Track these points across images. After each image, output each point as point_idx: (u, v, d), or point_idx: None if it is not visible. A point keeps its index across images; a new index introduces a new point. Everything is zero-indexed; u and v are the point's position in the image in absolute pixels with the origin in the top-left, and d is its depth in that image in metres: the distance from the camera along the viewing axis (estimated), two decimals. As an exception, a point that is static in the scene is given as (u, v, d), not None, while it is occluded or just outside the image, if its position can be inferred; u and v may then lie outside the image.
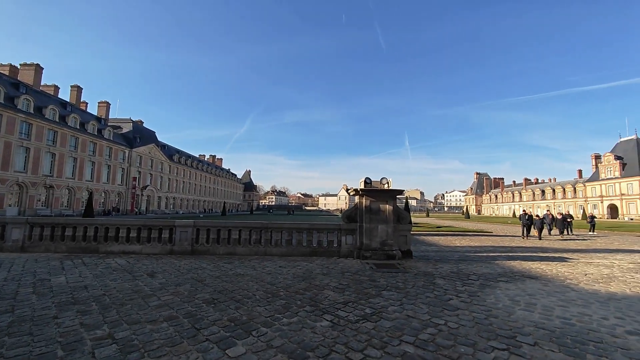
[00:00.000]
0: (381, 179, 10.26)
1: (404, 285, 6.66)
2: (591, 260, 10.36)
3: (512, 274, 7.91)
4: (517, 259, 10.40)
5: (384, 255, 9.60)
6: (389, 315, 4.77)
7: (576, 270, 8.61)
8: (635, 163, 63.35)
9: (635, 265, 9.43)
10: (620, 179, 65.29)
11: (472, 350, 3.61)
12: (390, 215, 9.92)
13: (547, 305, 5.36)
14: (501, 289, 6.45)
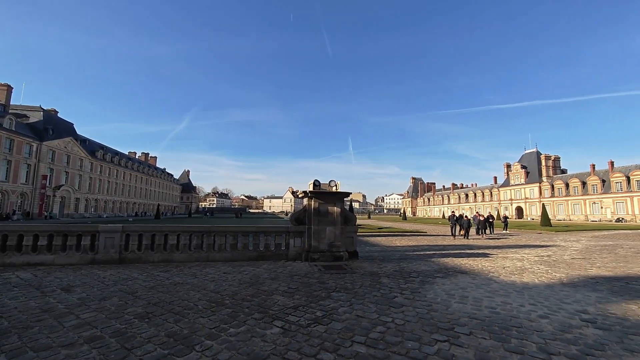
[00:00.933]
0: (329, 181, 10.40)
1: (352, 285, 6.79)
2: (507, 255, 11.93)
3: (446, 270, 8.66)
4: (449, 256, 11.47)
5: (331, 257, 9.72)
6: (340, 316, 4.78)
7: (496, 264, 9.81)
8: (535, 172, 75.53)
9: (539, 258, 11.11)
10: (525, 185, 77.18)
11: (418, 345, 3.80)
12: (338, 217, 10.11)
13: (476, 297, 5.96)
14: (438, 284, 6.99)
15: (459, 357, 3.50)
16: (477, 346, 3.78)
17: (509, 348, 3.74)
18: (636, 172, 55.05)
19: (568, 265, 9.60)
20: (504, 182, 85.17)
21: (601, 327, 4.43)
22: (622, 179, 57.10)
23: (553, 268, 9.13)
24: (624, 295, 6.11)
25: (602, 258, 11.25)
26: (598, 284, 7.08)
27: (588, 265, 9.62)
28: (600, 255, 11.90)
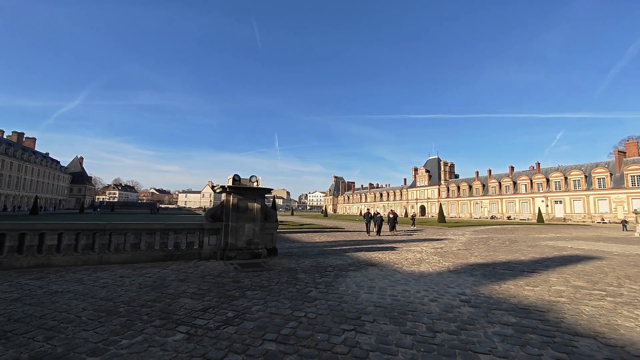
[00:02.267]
0: (250, 177, 10.07)
1: (268, 283, 6.70)
2: (410, 248, 13.50)
3: (358, 263, 9.31)
4: (362, 251, 12.37)
5: (250, 255, 9.43)
6: (253, 315, 4.65)
7: (401, 256, 10.99)
8: (436, 175, 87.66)
9: (434, 250, 12.90)
10: (428, 186, 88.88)
11: (327, 336, 3.95)
12: (258, 214, 9.87)
13: (382, 286, 6.55)
14: (350, 277, 7.45)
15: (362, 344, 3.76)
16: (378, 332, 4.13)
17: (404, 330, 4.19)
18: (505, 179, 69.00)
19: (455, 255, 11.38)
20: (412, 184, 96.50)
21: (474, 305, 5.35)
22: (496, 184, 70.85)
23: (444, 258, 10.70)
24: (491, 278, 7.54)
25: (479, 249, 13.71)
26: (474, 270, 8.57)
27: (468, 255, 11.58)
28: (477, 247, 14.47)
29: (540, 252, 12.55)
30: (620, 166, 51.20)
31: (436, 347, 3.71)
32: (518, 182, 66.15)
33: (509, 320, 4.65)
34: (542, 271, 8.58)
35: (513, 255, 11.58)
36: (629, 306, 5.48)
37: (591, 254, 12.17)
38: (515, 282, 7.14)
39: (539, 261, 10.37)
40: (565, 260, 10.70)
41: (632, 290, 6.59)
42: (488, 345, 3.78)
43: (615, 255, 12.10)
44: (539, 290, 6.50)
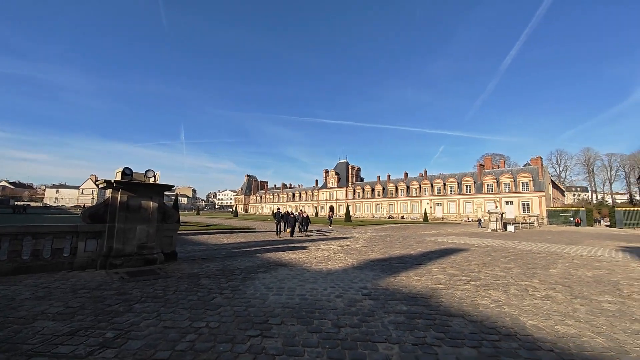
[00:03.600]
0: (146, 171, 8.75)
1: (163, 292, 5.88)
2: (319, 247, 13.99)
3: (268, 264, 9.11)
4: (273, 251, 12.21)
5: (142, 261, 8.16)
6: (141, 332, 3.97)
7: (310, 255, 11.26)
8: (345, 178, 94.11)
9: (341, 248, 13.69)
10: (337, 188, 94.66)
11: (230, 346, 3.65)
12: (154, 214, 8.64)
13: (291, 287, 6.52)
14: (259, 279, 7.20)
15: (268, 348, 3.61)
16: (286, 333, 4.04)
17: (311, 329, 4.22)
18: (401, 184, 79.12)
19: (358, 252, 12.30)
20: (323, 185, 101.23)
21: (374, 298, 5.81)
22: (393, 187, 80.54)
23: (349, 255, 11.44)
24: (388, 272, 8.39)
25: (378, 245, 15.20)
26: (375, 265, 9.40)
27: (370, 251, 12.69)
28: (377, 243, 16.03)
29: (425, 247, 14.70)
30: (480, 176, 64.84)
31: (340, 342, 3.84)
32: (410, 186, 76.70)
33: (401, 308, 5.20)
34: (427, 263, 10.02)
35: (405, 250, 13.23)
36: (485, 287, 6.85)
37: (460, 247, 14.91)
38: (407, 274, 8.12)
39: (424, 254, 12.11)
40: (443, 252, 12.80)
41: (487, 275, 8.27)
42: (384, 333, 4.12)
43: (476, 247, 15.12)
44: (424, 279, 7.54)
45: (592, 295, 6.44)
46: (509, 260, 11.05)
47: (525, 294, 6.42)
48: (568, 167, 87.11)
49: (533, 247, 15.59)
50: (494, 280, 7.67)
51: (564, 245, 16.62)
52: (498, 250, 14.04)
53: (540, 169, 57.50)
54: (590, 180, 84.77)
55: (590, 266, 10.08)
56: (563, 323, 4.71)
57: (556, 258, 11.75)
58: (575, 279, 8.03)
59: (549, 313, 5.17)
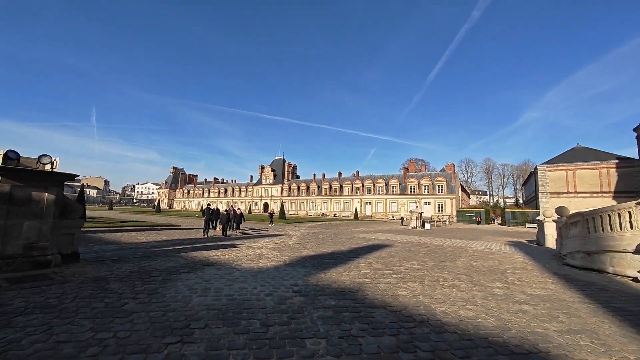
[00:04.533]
0: (40, 156, 7.29)
1: (58, 301, 4.97)
2: (251, 245, 13.59)
3: (193, 264, 8.47)
4: (200, 249, 11.41)
5: (29, 264, 6.77)
6: (22, 351, 3.27)
7: (241, 253, 10.85)
8: (280, 175, 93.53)
9: (274, 245, 13.54)
10: (272, 185, 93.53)
11: (143, 356, 3.26)
12: (50, 208, 7.26)
13: (218, 287, 6.17)
14: (182, 280, 6.64)
15: (189, 355, 3.34)
16: (209, 337, 3.79)
17: (238, 330, 4.04)
18: (335, 183, 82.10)
19: (291, 249, 12.33)
20: (258, 181, 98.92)
21: (304, 294, 5.86)
22: (328, 186, 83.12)
23: (282, 252, 11.37)
24: (319, 268, 8.58)
25: (311, 242, 15.48)
26: (306, 262, 9.52)
27: (302, 248, 12.83)
28: (310, 240, 16.30)
29: (355, 243, 15.50)
30: (405, 178, 71.38)
31: (268, 342, 3.76)
32: (343, 185, 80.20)
33: (330, 303, 5.35)
34: (355, 258, 10.56)
35: (337, 247, 13.73)
36: (405, 280, 7.51)
37: (385, 243, 16.13)
38: (337, 270, 8.42)
39: (353, 250, 12.75)
40: (370, 248, 13.66)
41: (407, 268, 9.10)
42: (313, 329, 4.18)
43: (398, 243, 16.54)
44: (352, 274, 7.92)
45: (486, 282, 7.60)
46: (425, 254, 12.36)
47: (436, 284, 7.24)
48: (473, 173, 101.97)
49: (444, 242, 17.75)
50: (412, 272, 8.47)
51: (468, 241, 19.33)
52: (417, 245, 15.59)
53: (453, 174, 65.95)
54: (489, 186, 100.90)
55: (486, 258, 11.91)
56: (464, 308, 5.44)
57: (461, 252, 13.58)
58: (475, 269, 9.39)
59: (454, 300, 5.92)
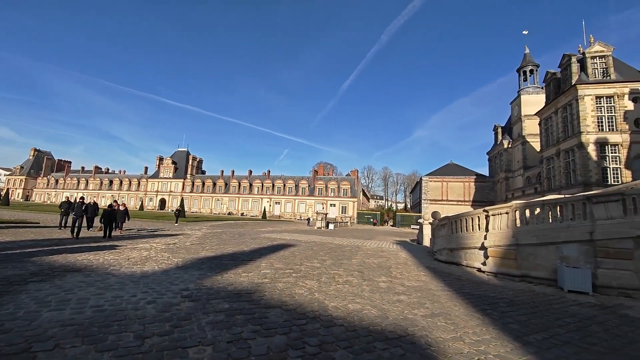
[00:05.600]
0: None
1: None
2: (137, 246, 11.81)
3: (50, 271, 6.81)
4: (64, 252, 9.30)
5: None
6: None
7: (122, 256, 9.31)
8: (183, 168, 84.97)
9: (166, 246, 12.11)
10: (172, 179, 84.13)
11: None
12: None
13: (83, 297, 5.10)
14: (30, 291, 5.24)
15: (22, 388, 2.60)
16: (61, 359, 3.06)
17: (102, 347, 3.39)
18: (244, 181, 79.36)
19: (187, 250, 11.25)
20: (154, 174, 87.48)
21: (194, 299, 5.38)
22: (237, 184, 79.75)
23: (174, 254, 10.25)
24: (216, 270, 8.05)
25: (212, 242, 14.48)
26: (203, 264, 8.82)
27: (201, 249, 11.87)
28: (211, 240, 15.24)
29: (259, 243, 15.22)
30: (314, 181, 74.45)
31: (142, 356, 3.27)
32: (253, 184, 78.31)
33: (223, 307, 5.05)
34: (257, 259, 10.35)
35: (239, 247, 13.21)
36: (304, 278, 7.73)
37: (290, 242, 16.37)
38: (236, 271, 8.06)
39: (256, 250, 12.49)
40: (274, 248, 13.63)
41: (307, 267, 9.40)
42: (199, 336, 3.84)
43: (303, 242, 17.02)
44: (252, 275, 7.71)
45: (374, 277, 8.48)
46: (326, 253, 13.06)
47: (332, 281, 7.69)
48: (373, 180, 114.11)
49: (344, 242, 19.15)
50: (312, 271, 8.80)
51: (364, 240, 21.36)
52: (319, 245, 16.34)
53: (356, 179, 72.19)
54: (385, 191, 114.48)
55: (377, 255, 13.36)
56: (353, 301, 5.92)
57: (357, 250, 14.88)
58: (367, 266, 10.39)
59: (345, 295, 6.38)
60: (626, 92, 27.86)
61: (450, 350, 3.97)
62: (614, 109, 28.13)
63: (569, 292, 7.96)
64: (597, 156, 27.78)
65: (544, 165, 35.06)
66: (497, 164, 53.92)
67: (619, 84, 28.09)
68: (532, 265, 9.30)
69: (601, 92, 28.51)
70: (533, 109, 41.16)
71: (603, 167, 27.61)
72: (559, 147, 31.88)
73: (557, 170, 32.33)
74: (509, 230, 9.99)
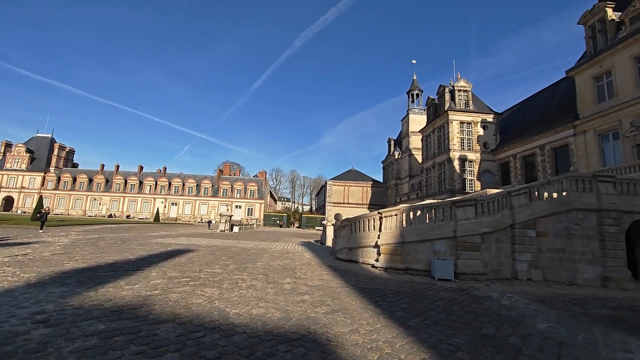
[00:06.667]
0: None
1: None
2: (-39, 259, 8.71)
3: None
4: None
5: None
6: None
7: None
8: (44, 159, 67.63)
9: (11, 259, 9.34)
10: (27, 172, 66.01)
11: None
12: None
13: None
14: None
15: None
16: None
17: None
18: (133, 178, 68.47)
19: (45, 263, 8.92)
20: (-1, 165, 67.00)
21: (53, 323, 4.26)
22: (122, 181, 68.13)
23: (25, 268, 7.98)
24: (89, 284, 6.62)
25: (84, 251, 11.90)
26: (69, 278, 7.13)
27: (67, 260, 9.60)
28: (82, 249, 12.51)
29: (149, 250, 13.30)
30: (219, 181, 70.03)
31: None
32: (145, 182, 68.37)
33: (96, 329, 4.16)
34: (146, 268, 9.00)
35: (122, 255, 11.24)
36: (202, 286, 7.10)
37: (188, 248, 14.88)
38: (117, 284, 6.80)
39: (145, 258, 10.87)
40: (168, 255, 12.12)
41: (207, 273, 8.68)
42: (58, 371, 3.04)
43: (203, 247, 15.71)
44: (138, 287, 6.64)
45: (279, 279, 8.46)
46: (229, 257, 12.37)
47: (235, 286, 7.30)
48: (281, 182, 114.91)
49: (249, 245, 18.56)
50: (212, 277, 8.17)
51: (270, 242, 21.19)
52: (222, 249, 15.38)
53: (264, 181, 71.33)
54: (292, 194, 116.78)
55: (283, 257, 13.41)
56: (257, 306, 5.74)
57: (262, 253, 14.62)
58: (272, 268, 10.29)
59: (249, 300, 6.14)
60: (479, 120, 35.94)
61: (347, 343, 4.24)
62: (471, 133, 35.86)
63: (439, 280, 9.65)
64: (459, 169, 34.84)
65: (424, 174, 41.98)
66: (389, 172, 61.77)
67: (474, 114, 36.02)
68: (414, 260, 10.91)
69: (464, 119, 35.98)
70: (418, 126, 48.87)
71: (463, 178, 34.81)
72: (435, 160, 38.69)
73: (433, 179, 39.16)
74: (397, 230, 11.47)
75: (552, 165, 26.99)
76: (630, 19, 20.66)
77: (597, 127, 22.52)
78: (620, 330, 5.60)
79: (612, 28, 22.10)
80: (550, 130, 27.07)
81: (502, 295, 8.10)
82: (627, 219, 10.89)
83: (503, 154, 33.51)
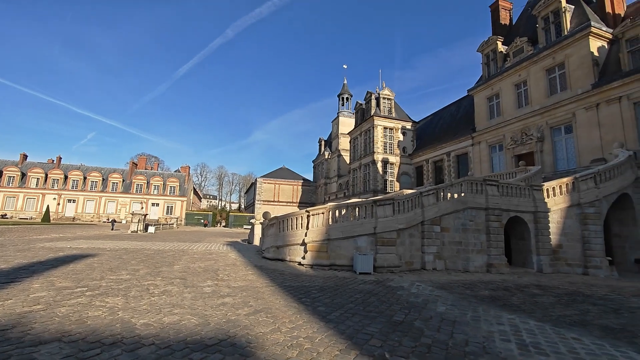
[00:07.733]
0: None
1: None
2: None
3: None
4: None
5: None
6: None
7: None
8: None
9: None
10: None
11: None
12: None
13: None
14: None
15: None
16: None
17: None
18: (11, 169, 55.56)
19: None
20: None
21: None
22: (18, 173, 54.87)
23: None
24: None
25: None
26: None
27: None
28: None
29: (31, 256, 10.96)
30: (132, 175, 61.90)
31: None
32: (29, 174, 56.22)
33: (-61, 361, 3.22)
34: (26, 278, 7.40)
35: (-9, 264, 9.01)
36: (103, 296, 6.16)
37: (87, 252, 12.76)
38: (-22, 300, 5.41)
39: (26, 267, 8.93)
40: (59, 261, 10.19)
41: (111, 281, 7.57)
42: None
43: (107, 251, 13.67)
44: (12, 302, 5.40)
45: (199, 282, 7.88)
46: (140, 261, 11.03)
47: (145, 293, 6.53)
48: (207, 178, 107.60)
49: (166, 246, 16.88)
50: (117, 285, 7.16)
51: (191, 243, 19.64)
52: (132, 252, 13.63)
53: (187, 176, 65.87)
54: (220, 191, 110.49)
55: (205, 259, 12.55)
56: (171, 313, 5.23)
57: (182, 255, 13.46)
58: (192, 271, 9.54)
59: (161, 307, 5.56)
60: (400, 127, 39.60)
61: (268, 343, 4.17)
62: (393, 138, 39.28)
63: (360, 274, 10.29)
64: (382, 171, 37.82)
65: (351, 174, 44.35)
66: (319, 171, 63.48)
67: (396, 121, 39.55)
68: (338, 255, 11.41)
69: (387, 124, 39.17)
70: (347, 129, 51.36)
71: (385, 179, 37.90)
72: (361, 161, 41.22)
73: (359, 179, 41.66)
74: (323, 228, 11.84)
75: (456, 170, 31.44)
76: (513, 52, 25.39)
77: (489, 140, 27.06)
78: (497, 307, 6.82)
79: (501, 58, 26.84)
80: (455, 139, 31.50)
81: (412, 284, 9.07)
82: (506, 215, 13.36)
83: (418, 158, 37.64)
